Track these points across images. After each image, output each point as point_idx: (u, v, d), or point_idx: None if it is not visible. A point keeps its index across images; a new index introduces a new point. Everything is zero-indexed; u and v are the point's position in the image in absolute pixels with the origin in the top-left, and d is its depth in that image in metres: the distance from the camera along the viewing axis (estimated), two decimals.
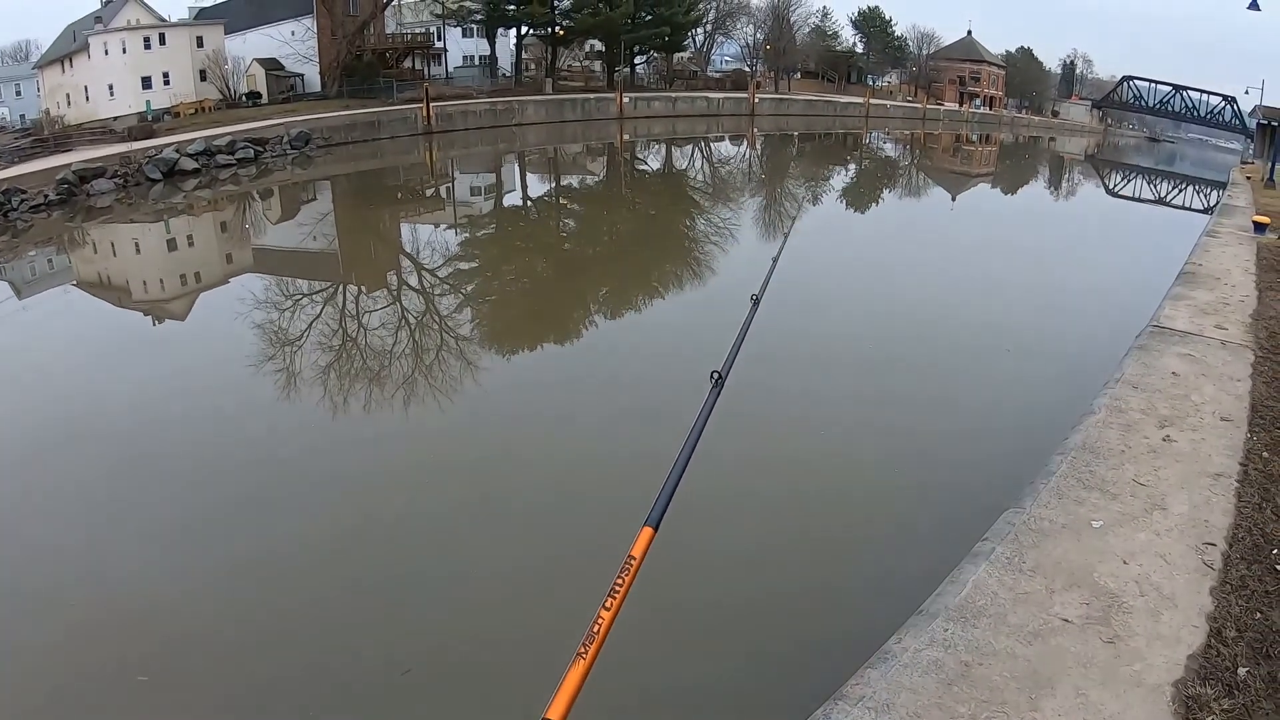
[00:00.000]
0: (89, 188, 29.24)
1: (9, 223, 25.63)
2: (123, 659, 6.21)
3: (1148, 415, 7.40)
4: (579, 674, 1.23)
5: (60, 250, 24.41)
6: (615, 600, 1.38)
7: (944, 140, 64.62)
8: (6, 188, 26.94)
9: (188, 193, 30.98)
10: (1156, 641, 4.49)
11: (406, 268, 21.44)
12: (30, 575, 7.42)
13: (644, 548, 1.43)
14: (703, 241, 24.47)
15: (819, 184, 38.21)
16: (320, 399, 11.52)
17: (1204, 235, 17.05)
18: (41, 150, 36.42)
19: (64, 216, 27.07)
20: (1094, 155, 64.81)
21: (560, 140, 50.83)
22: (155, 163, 32.24)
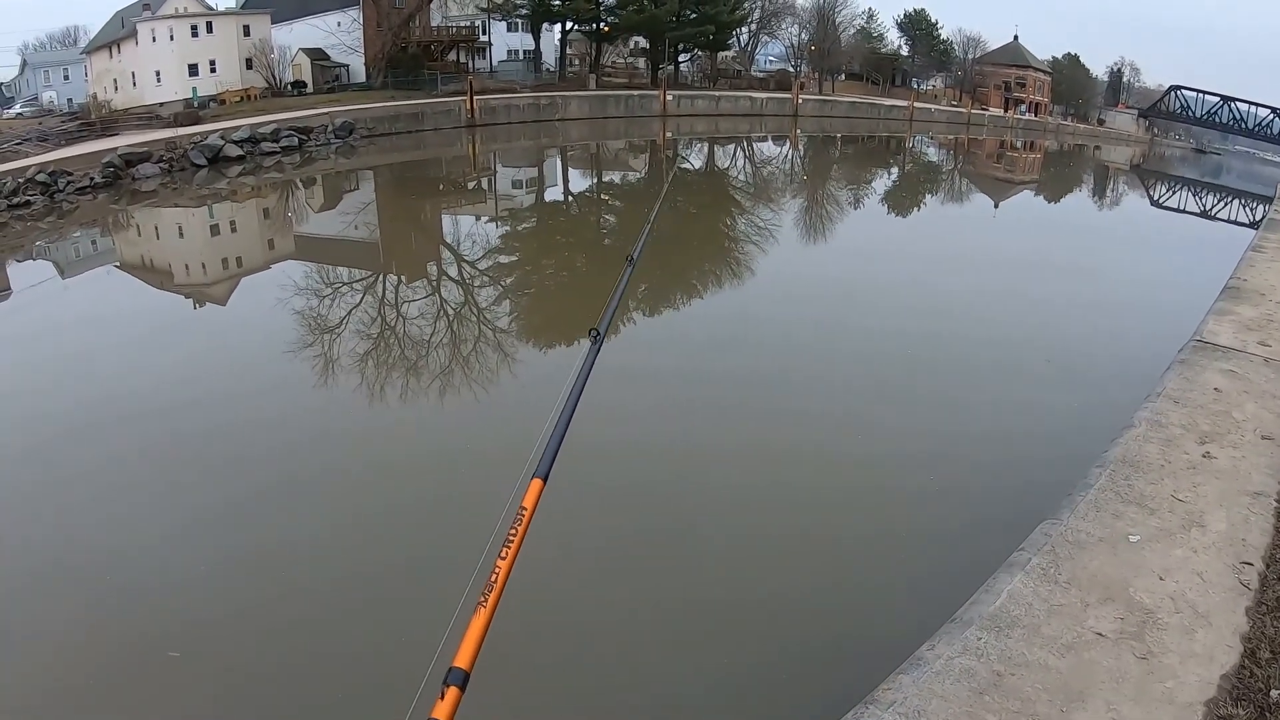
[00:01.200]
0: (134, 172, 29.63)
1: (55, 204, 26.02)
2: (156, 634, 6.29)
3: (1188, 431, 7.32)
4: (481, 622, 1.27)
5: (104, 232, 24.74)
6: (510, 550, 1.41)
7: (988, 146, 64.05)
8: (53, 170, 27.34)
9: (232, 179, 31.30)
10: (1190, 659, 4.45)
11: (446, 259, 21.54)
12: (68, 551, 7.53)
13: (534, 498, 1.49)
14: (742, 241, 24.43)
15: (861, 186, 38.05)
16: (357, 386, 11.61)
17: (1249, 250, 16.79)
18: (88, 134, 36.94)
19: (109, 199, 27.43)
20: (1139, 165, 63.99)
21: (603, 136, 50.91)
22: (200, 149, 32.60)
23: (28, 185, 26.23)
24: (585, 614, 6.48)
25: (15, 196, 25.57)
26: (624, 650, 6.27)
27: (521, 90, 55.41)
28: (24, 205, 25.50)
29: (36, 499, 8.51)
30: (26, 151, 31.85)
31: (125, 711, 5.66)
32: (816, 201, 32.70)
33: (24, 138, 34.64)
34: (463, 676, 1.18)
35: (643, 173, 39.88)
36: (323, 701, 5.75)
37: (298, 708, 5.74)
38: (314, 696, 5.83)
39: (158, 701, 5.71)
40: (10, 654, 6.19)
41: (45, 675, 5.95)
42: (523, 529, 1.44)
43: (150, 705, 5.68)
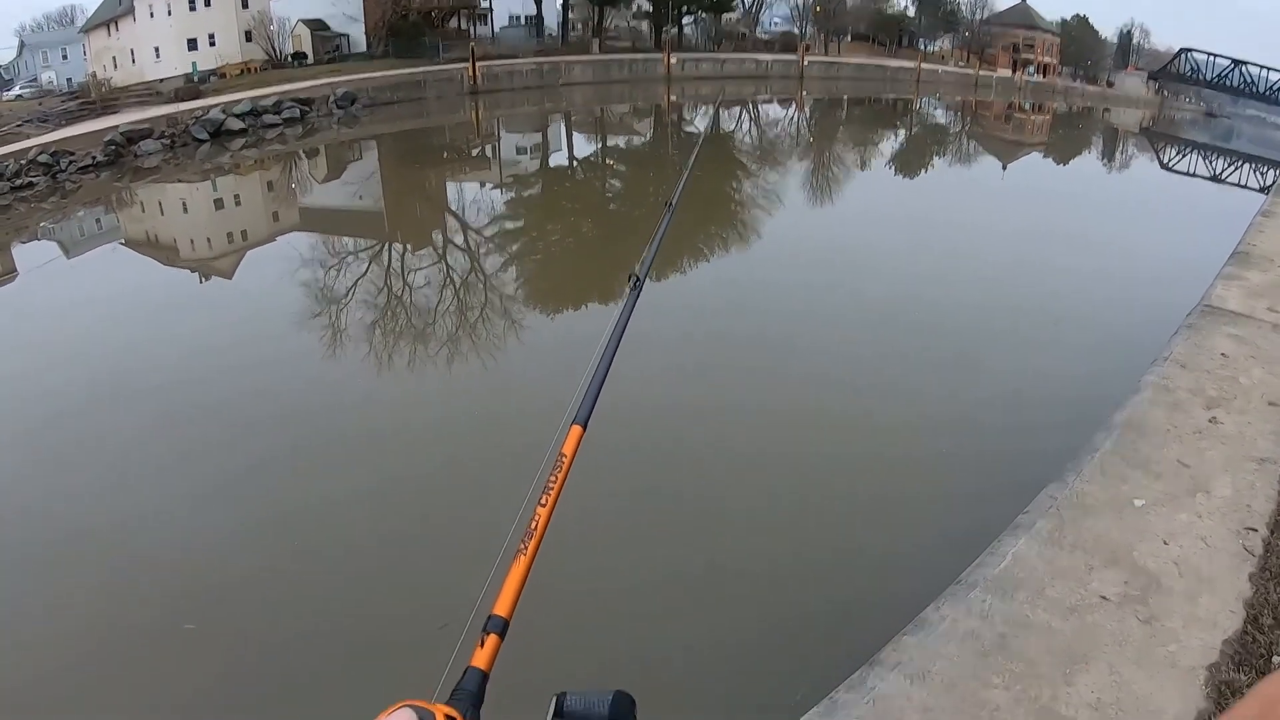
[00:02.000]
0: (136, 149, 29.59)
1: (57, 184, 26.04)
2: (169, 607, 6.35)
3: (1195, 395, 7.30)
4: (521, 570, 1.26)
5: (108, 210, 24.76)
6: (550, 497, 1.40)
7: (996, 108, 63.48)
8: (55, 150, 27.34)
9: (234, 152, 31.25)
10: (1193, 624, 4.46)
11: (452, 226, 21.54)
12: (82, 524, 7.60)
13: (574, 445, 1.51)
14: (748, 205, 24.36)
15: (868, 149, 37.83)
16: (365, 355, 11.67)
17: (1259, 215, 16.67)
18: (89, 113, 36.88)
19: (112, 177, 27.42)
20: (1149, 128, 63.22)
21: (607, 101, 50.65)
22: (202, 123, 32.53)
23: (30, 167, 26.25)
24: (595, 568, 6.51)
25: (18, 178, 25.59)
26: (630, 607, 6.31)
27: (524, 56, 55.03)
28: (27, 187, 25.53)
29: (50, 473, 8.60)
30: (27, 133, 31.88)
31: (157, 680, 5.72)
32: (823, 164, 32.54)
33: (24, 119, 34.62)
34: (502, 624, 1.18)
35: (647, 136, 39.72)
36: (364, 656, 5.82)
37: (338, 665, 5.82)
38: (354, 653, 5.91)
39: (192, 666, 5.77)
40: (26, 627, 6.26)
41: (60, 649, 6.00)
42: (562, 475, 1.45)
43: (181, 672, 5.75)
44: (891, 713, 3.78)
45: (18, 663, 5.87)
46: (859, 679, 4.07)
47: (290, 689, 5.64)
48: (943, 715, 3.79)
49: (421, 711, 0.84)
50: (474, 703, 1.02)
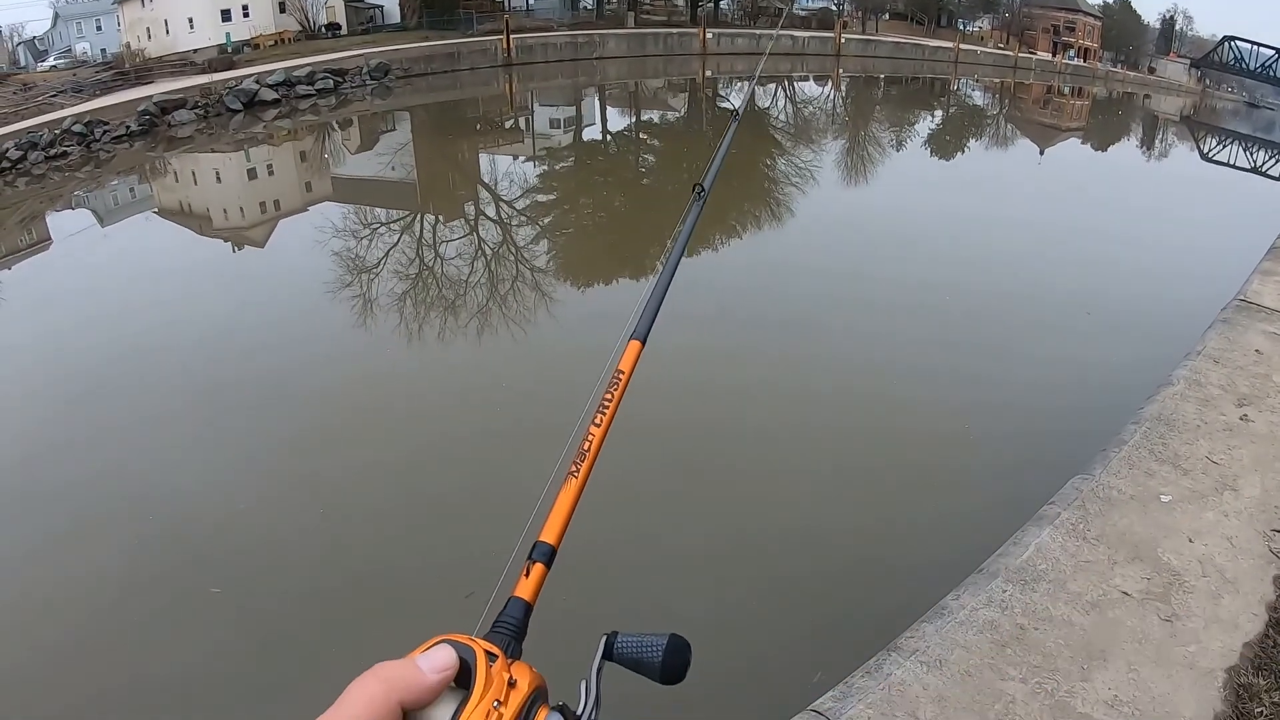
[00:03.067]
0: (170, 118, 29.78)
1: (91, 154, 26.27)
2: (197, 571, 6.45)
3: (1227, 392, 7.23)
4: (572, 494, 1.19)
5: (142, 179, 24.95)
6: (605, 416, 1.32)
7: (1034, 91, 62.57)
8: (89, 120, 27.54)
9: (267, 123, 31.37)
10: (1214, 625, 4.44)
11: (484, 198, 21.55)
12: (114, 489, 7.73)
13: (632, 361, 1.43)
14: (782, 182, 24.24)
15: (903, 129, 37.48)
16: (395, 326, 11.76)
17: None
18: (122, 83, 37.07)
19: (145, 147, 27.62)
20: (1189, 116, 62.17)
21: (641, 75, 50.36)
22: (235, 93, 32.65)
23: (64, 136, 26.50)
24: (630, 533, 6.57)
25: (52, 148, 25.85)
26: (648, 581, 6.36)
27: (558, 29, 54.82)
28: (61, 156, 25.78)
29: (84, 439, 8.73)
30: (62, 103, 32.09)
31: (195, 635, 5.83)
32: (858, 144, 32.29)
33: (59, 89, 34.83)
34: (549, 552, 1.11)
35: (681, 112, 39.54)
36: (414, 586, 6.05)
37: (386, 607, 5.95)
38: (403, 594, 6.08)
39: None
40: (56, 590, 6.37)
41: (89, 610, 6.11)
42: (619, 392, 1.36)
43: None
44: (906, 700, 3.80)
45: (50, 624, 5.98)
46: (876, 664, 4.08)
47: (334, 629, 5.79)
48: (957, 705, 3.79)
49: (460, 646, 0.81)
50: (516, 635, 0.97)
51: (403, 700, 0.74)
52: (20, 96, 32.91)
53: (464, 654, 0.81)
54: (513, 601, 1.02)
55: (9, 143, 25.41)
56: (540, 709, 0.82)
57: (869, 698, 3.79)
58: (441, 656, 0.79)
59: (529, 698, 0.82)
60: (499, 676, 0.81)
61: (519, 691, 0.81)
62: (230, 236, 18.08)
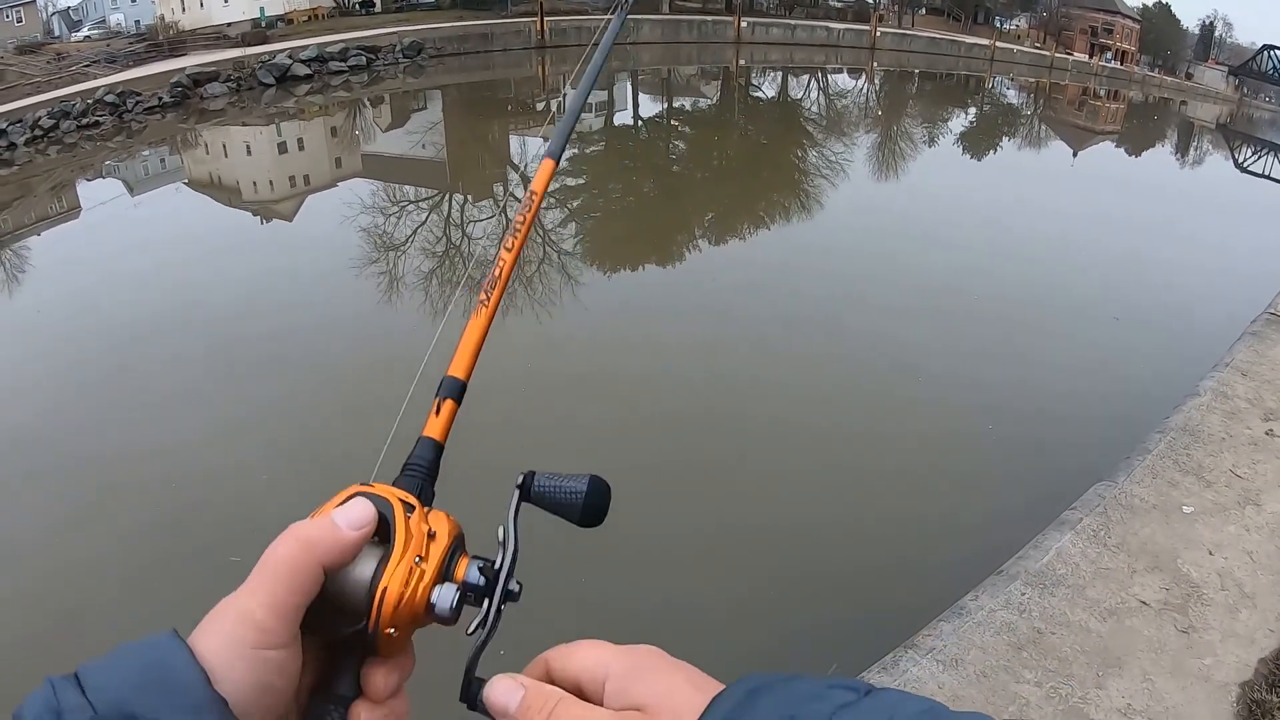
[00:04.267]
0: (202, 91, 29.92)
1: (123, 124, 26.43)
2: (219, 538, 6.51)
3: (1253, 405, 7.19)
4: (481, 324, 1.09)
5: (172, 151, 25.10)
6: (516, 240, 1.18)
7: (1070, 92, 61.98)
8: (122, 90, 27.70)
9: (299, 98, 31.49)
10: (1230, 639, 4.43)
11: (513, 179, 21.56)
12: (137, 457, 7.82)
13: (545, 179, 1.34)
14: (812, 174, 24.17)
15: (937, 124, 37.29)
16: (421, 304, 11.80)
17: None
18: (156, 55, 37.20)
19: (177, 118, 27.78)
20: (1225, 125, 61.42)
21: (674, 61, 50.23)
22: (268, 68, 32.76)
23: (97, 106, 26.68)
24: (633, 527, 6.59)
25: (85, 117, 26.03)
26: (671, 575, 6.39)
27: (593, 12, 54.57)
28: (93, 125, 25.96)
29: (108, 407, 8.82)
30: (95, 73, 32.22)
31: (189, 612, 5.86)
32: (890, 138, 32.13)
33: (93, 59, 35.01)
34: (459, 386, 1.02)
35: (714, 99, 39.46)
36: None
37: None
38: None
39: None
40: (78, 557, 6.44)
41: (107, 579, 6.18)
42: (530, 214, 1.21)
43: None
44: None
45: (65, 591, 6.06)
46: (892, 660, 4.11)
47: None
48: (972, 704, 3.80)
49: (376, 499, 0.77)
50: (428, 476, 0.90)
51: (323, 561, 0.70)
52: (54, 66, 33.08)
53: (381, 508, 0.77)
54: (422, 441, 0.95)
55: (42, 111, 25.61)
56: (460, 559, 0.79)
57: None
58: (359, 511, 0.75)
59: (448, 549, 0.79)
60: (418, 529, 0.78)
61: (438, 543, 0.78)
62: (259, 210, 18.19)
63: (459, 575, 0.77)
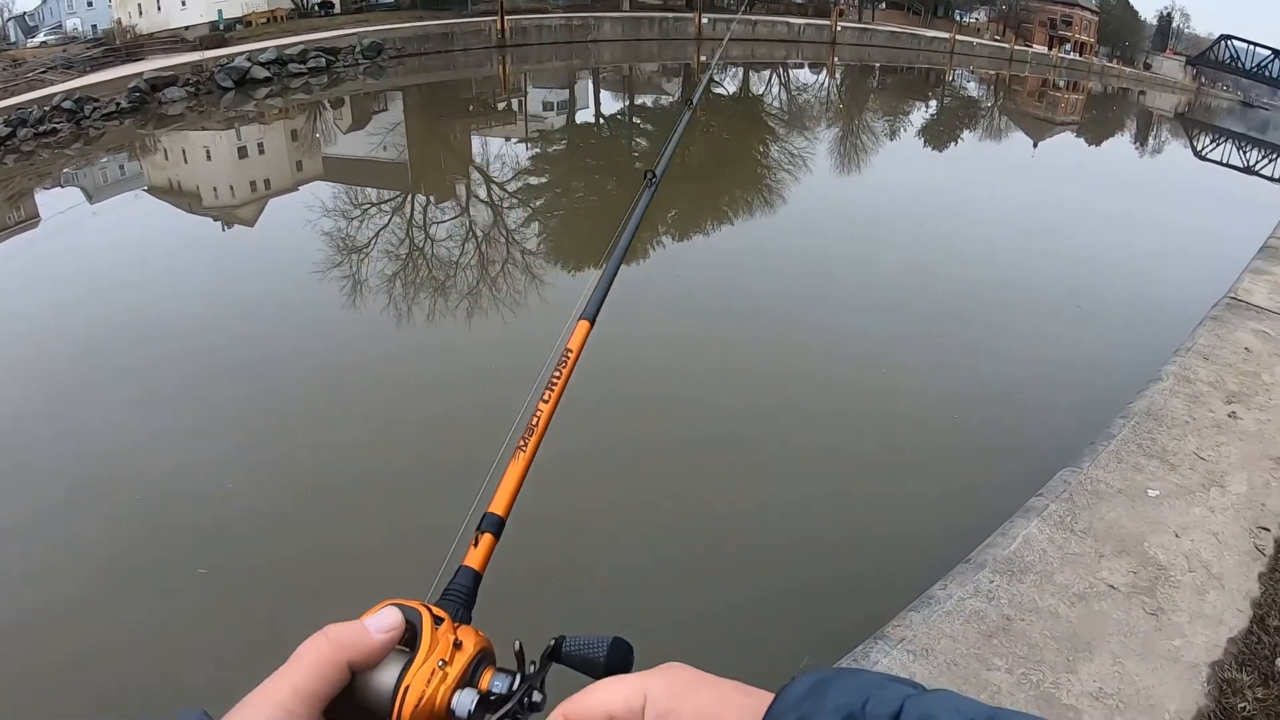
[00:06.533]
0: (160, 96, 29.54)
1: (81, 131, 26.03)
2: (183, 551, 6.44)
3: (1215, 388, 7.27)
4: (520, 467, 1.22)
5: (132, 157, 24.77)
6: (553, 393, 1.36)
7: (1030, 84, 62.60)
8: (79, 96, 27.28)
9: (259, 101, 31.19)
10: (1199, 620, 4.46)
11: (475, 180, 21.48)
12: (97, 468, 7.71)
13: (581, 340, 1.48)
14: (775, 169, 24.23)
15: (898, 118, 37.53)
16: (385, 307, 11.73)
17: None
18: (113, 59, 36.68)
19: (135, 124, 27.41)
20: (1184, 114, 62.38)
21: (635, 59, 50.23)
22: (227, 71, 32.39)
23: (54, 113, 26.24)
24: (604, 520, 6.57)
25: (42, 124, 25.57)
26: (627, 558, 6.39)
27: (553, 10, 54.58)
28: (51, 133, 25.52)
29: (67, 417, 8.69)
30: (52, 79, 31.73)
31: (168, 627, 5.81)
32: (851, 132, 32.29)
33: (49, 65, 34.49)
34: (498, 522, 1.15)
35: (675, 96, 39.52)
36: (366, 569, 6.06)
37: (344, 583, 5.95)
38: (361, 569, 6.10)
39: None
40: (39, 575, 6.34)
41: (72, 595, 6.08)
42: (567, 371, 1.41)
43: None
44: None
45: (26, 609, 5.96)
46: (862, 652, 4.11)
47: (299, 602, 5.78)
48: None
49: (407, 609, 0.84)
50: (465, 602, 1.01)
51: (350, 660, 0.78)
52: (10, 73, 32.56)
53: (410, 616, 0.84)
54: (462, 570, 1.06)
55: None
56: (486, 670, 0.85)
57: None
58: (388, 618, 0.82)
59: (474, 658, 0.84)
60: (444, 638, 0.84)
61: (464, 653, 0.84)
62: (220, 215, 17.99)
63: (483, 685, 0.84)
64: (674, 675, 0.76)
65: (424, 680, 0.79)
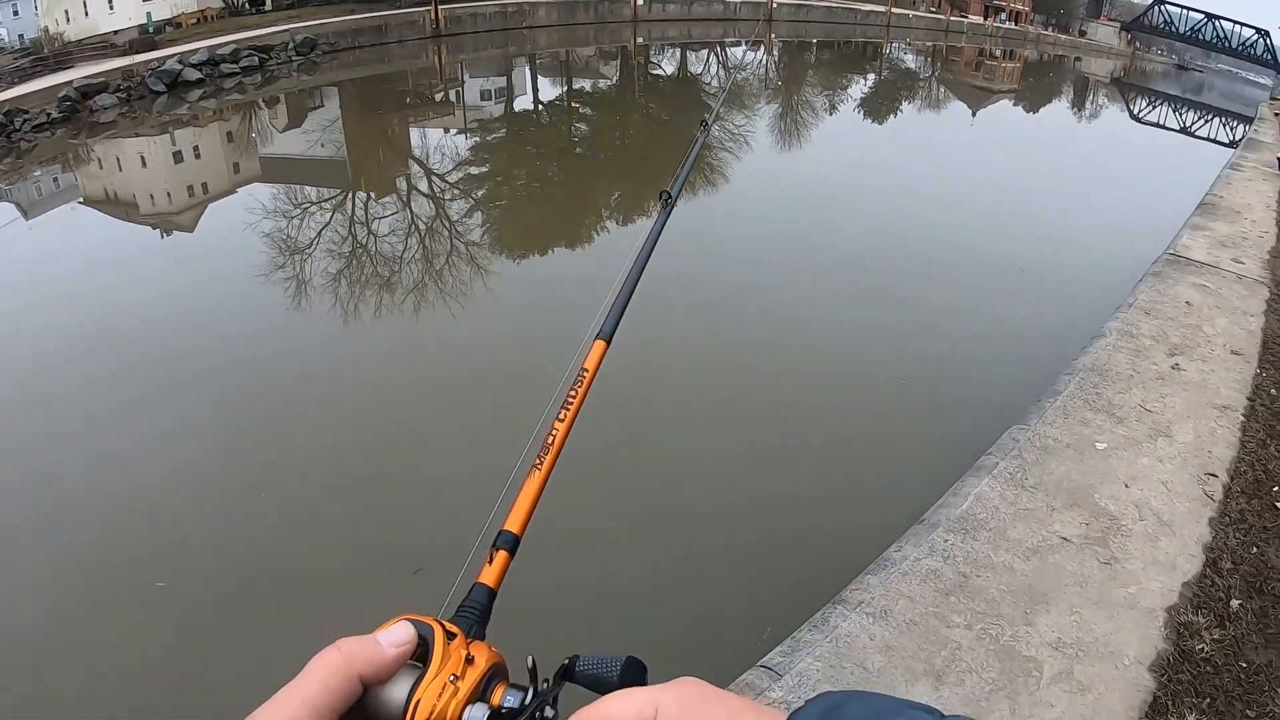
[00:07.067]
0: (92, 104, 28.83)
1: (12, 144, 25.36)
2: (138, 564, 6.35)
3: (1158, 342, 7.39)
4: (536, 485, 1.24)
5: (65, 168, 24.21)
6: (569, 412, 1.39)
7: (967, 54, 63.15)
8: (9, 108, 26.57)
9: (192, 104, 30.61)
10: (1153, 567, 4.54)
11: (416, 173, 21.31)
12: (44, 484, 7.54)
13: (597, 360, 1.49)
14: (715, 148, 24.24)
15: (836, 92, 37.70)
16: (331, 306, 11.61)
17: (1227, 168, 16.87)
18: (42, 69, 35.81)
19: (68, 134, 26.78)
20: (1120, 79, 63.28)
21: (571, 43, 49.92)
22: (158, 75, 31.71)
23: None
24: None
25: None
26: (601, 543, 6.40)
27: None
28: None
29: (13, 432, 8.50)
30: None
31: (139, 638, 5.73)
32: (791, 108, 32.37)
33: None
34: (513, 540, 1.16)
35: (614, 79, 39.40)
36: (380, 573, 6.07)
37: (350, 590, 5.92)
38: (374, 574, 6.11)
39: None
40: None
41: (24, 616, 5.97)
42: (583, 390, 1.43)
43: None
44: (854, 651, 3.84)
45: None
46: (822, 618, 4.13)
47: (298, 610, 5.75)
48: (904, 653, 3.84)
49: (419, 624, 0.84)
50: (479, 619, 1.02)
51: (362, 673, 0.78)
52: None
53: (422, 631, 0.84)
54: (476, 587, 1.06)
55: None
56: (499, 685, 0.84)
57: (817, 650, 3.83)
58: (399, 632, 0.82)
59: (486, 673, 0.84)
60: (456, 653, 0.83)
61: (476, 668, 0.83)
62: (159, 223, 17.66)
63: (494, 700, 0.83)
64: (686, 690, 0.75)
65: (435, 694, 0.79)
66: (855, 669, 3.73)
